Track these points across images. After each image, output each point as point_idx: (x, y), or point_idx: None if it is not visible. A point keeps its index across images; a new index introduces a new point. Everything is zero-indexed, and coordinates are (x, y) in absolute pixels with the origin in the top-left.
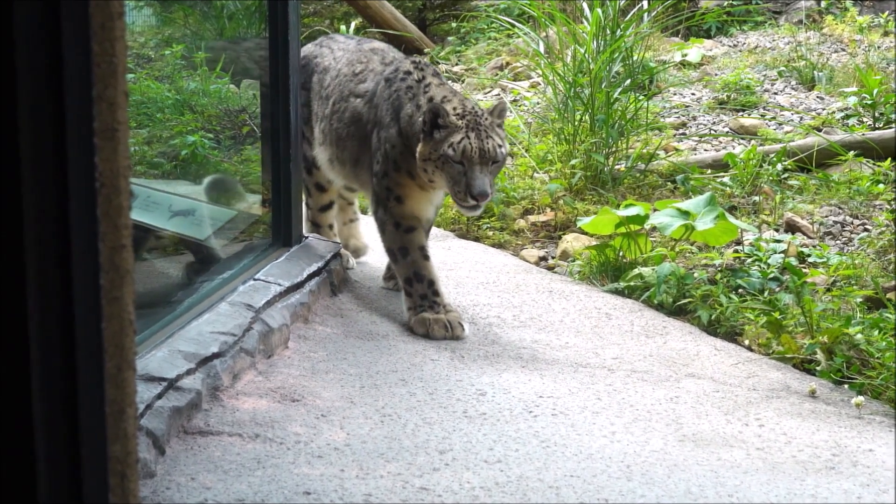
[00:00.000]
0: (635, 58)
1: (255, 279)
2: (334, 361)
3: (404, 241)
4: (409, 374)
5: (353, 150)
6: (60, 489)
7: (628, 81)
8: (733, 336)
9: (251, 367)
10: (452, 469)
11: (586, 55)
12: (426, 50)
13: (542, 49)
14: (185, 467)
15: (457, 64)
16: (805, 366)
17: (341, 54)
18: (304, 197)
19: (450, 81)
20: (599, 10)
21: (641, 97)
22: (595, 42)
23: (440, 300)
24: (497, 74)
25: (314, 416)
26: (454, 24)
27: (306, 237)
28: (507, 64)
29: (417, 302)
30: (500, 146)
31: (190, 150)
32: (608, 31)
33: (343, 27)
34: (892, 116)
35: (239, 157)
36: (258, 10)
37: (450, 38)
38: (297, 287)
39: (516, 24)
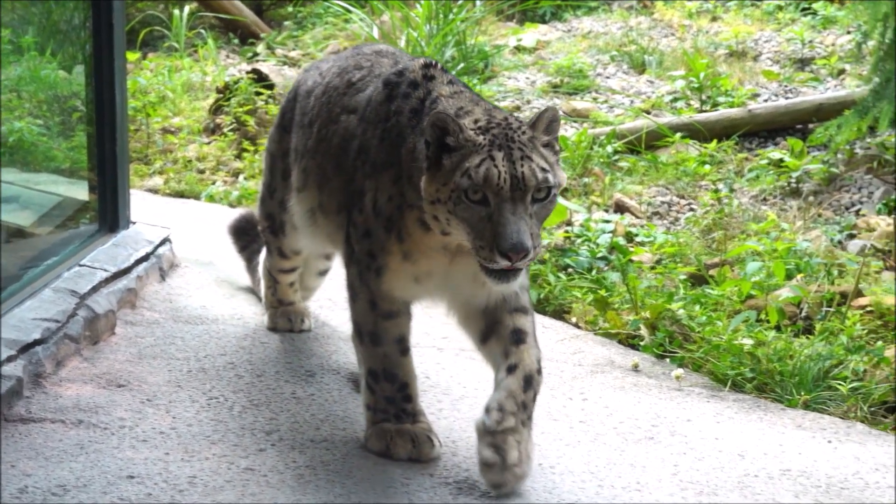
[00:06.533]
0: (470, 42)
1: (80, 265)
2: (162, 346)
3: (378, 328)
4: (238, 357)
5: (338, 191)
6: None
7: (462, 65)
8: (561, 314)
9: (76, 353)
10: (278, 449)
11: (419, 39)
12: (262, 35)
13: (376, 34)
14: (5, 455)
15: (293, 49)
16: (630, 341)
17: (329, 66)
18: (266, 252)
19: (464, 88)
20: None
21: (476, 81)
22: (428, 26)
23: (411, 408)
24: None
25: (140, 401)
26: (291, 9)
27: (134, 222)
28: (344, 49)
29: (381, 405)
30: (544, 171)
31: (17, 136)
32: (441, 16)
33: (176, 11)
34: (719, 99)
35: (69, 143)
36: None
37: (286, 23)
38: (124, 272)
39: (352, 8)
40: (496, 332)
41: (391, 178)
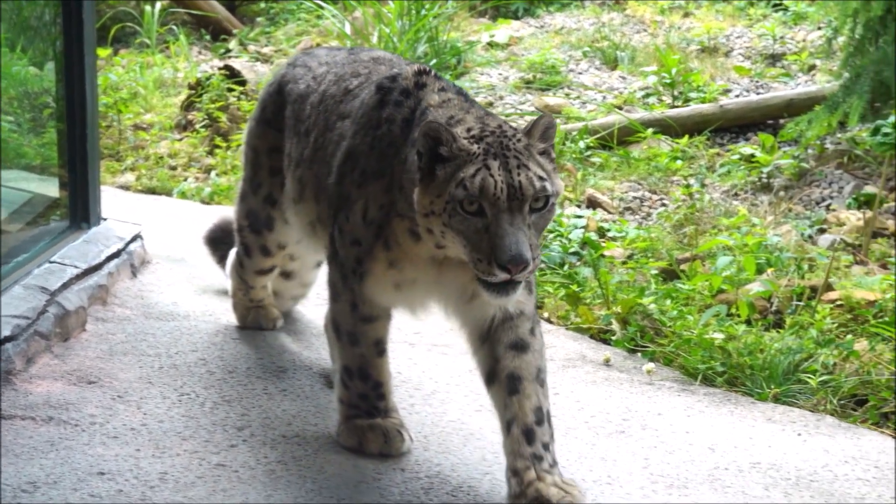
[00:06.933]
0: (443, 38)
1: (50, 262)
2: (133, 343)
3: (357, 330)
4: (210, 353)
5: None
6: None
7: (434, 61)
8: None
9: (46, 350)
10: (250, 445)
11: (391, 35)
12: (234, 31)
13: (348, 30)
14: None
15: (266, 45)
16: (601, 336)
17: (324, 70)
18: (237, 258)
19: (456, 95)
20: None
21: (448, 77)
22: (400, 22)
23: (383, 405)
24: None
25: (110, 398)
26: (263, 5)
27: (105, 219)
28: (317, 45)
29: (354, 401)
30: (542, 179)
31: None
32: (413, 12)
33: (148, 8)
34: (690, 95)
35: (39, 140)
36: None
37: (259, 19)
38: (94, 269)
39: (324, 5)
40: (497, 374)
41: (382, 188)
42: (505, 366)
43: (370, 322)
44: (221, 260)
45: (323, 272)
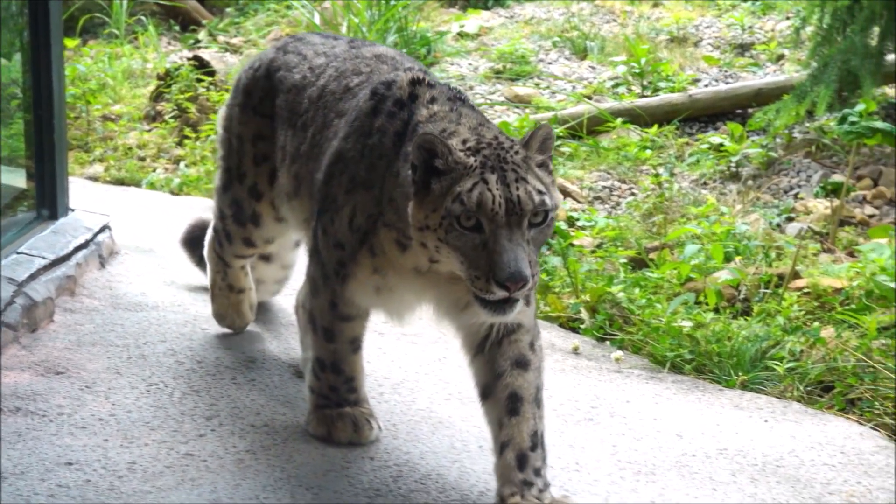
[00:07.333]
0: (412, 28)
1: (18, 252)
2: (101, 333)
3: (334, 327)
4: (179, 343)
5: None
6: None
7: (404, 52)
8: None
9: (14, 341)
10: (218, 434)
11: (361, 26)
12: (203, 22)
13: (317, 20)
14: None
15: (235, 36)
16: (570, 324)
17: (323, 62)
18: (215, 236)
19: (447, 103)
20: None
21: None
22: (369, 12)
23: (354, 398)
24: None
25: (78, 388)
26: None
27: (73, 210)
28: (287, 35)
29: (324, 391)
30: (541, 193)
31: None
32: (383, 1)
33: None
34: (660, 84)
35: (7, 131)
36: None
37: (228, 10)
38: (62, 260)
39: None
40: (495, 390)
41: (371, 198)
42: (507, 383)
43: (348, 321)
44: (200, 262)
45: (302, 252)
